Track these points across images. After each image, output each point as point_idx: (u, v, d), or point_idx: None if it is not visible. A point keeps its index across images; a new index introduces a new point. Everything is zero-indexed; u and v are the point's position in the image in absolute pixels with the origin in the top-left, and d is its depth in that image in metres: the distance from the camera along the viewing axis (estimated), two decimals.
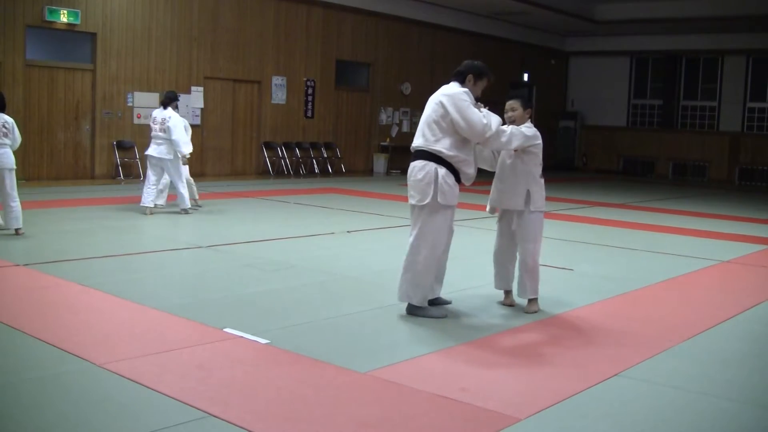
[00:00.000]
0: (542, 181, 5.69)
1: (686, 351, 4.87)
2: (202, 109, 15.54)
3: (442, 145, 5.30)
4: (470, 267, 7.14)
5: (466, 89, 5.40)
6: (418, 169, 5.38)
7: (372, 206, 12.03)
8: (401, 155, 19.75)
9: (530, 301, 5.71)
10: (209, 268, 6.94)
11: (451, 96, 5.33)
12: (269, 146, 16.84)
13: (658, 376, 4.33)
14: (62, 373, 4.01)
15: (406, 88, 19.85)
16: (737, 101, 22.13)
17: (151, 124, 10.21)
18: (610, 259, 8.24)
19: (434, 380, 4.09)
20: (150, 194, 10.03)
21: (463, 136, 5.32)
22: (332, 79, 18.05)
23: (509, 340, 5.01)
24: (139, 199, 10.20)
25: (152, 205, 10.07)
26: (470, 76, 5.46)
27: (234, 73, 16.04)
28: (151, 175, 10.09)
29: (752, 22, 19.78)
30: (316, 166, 17.73)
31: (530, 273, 5.65)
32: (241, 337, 4.73)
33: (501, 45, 22.09)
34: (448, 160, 5.31)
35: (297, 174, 17.08)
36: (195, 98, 15.38)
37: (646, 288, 6.72)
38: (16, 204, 8.00)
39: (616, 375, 4.30)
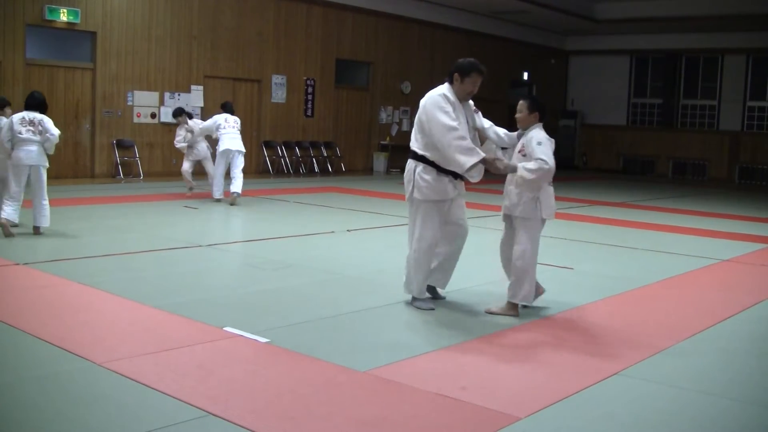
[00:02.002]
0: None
1: (686, 350, 4.87)
2: (202, 108, 15.52)
3: (419, 145, 5.48)
4: (472, 265, 7.12)
5: (443, 93, 5.42)
6: (405, 168, 5.65)
7: (372, 205, 12.03)
8: (401, 154, 19.72)
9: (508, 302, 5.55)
10: (209, 267, 6.94)
11: (428, 98, 5.44)
12: (269, 145, 16.84)
13: (658, 375, 4.32)
14: (61, 372, 4.01)
15: (406, 87, 19.84)
16: (737, 100, 22.12)
17: (224, 124, 11.59)
18: (611, 257, 8.23)
19: (434, 379, 4.09)
20: (221, 186, 11.61)
21: None
22: (332, 78, 18.04)
23: (509, 339, 5.00)
24: (139, 198, 10.20)
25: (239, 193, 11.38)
26: (456, 75, 5.48)
27: (234, 72, 16.04)
28: (222, 169, 11.55)
29: (752, 21, 19.78)
30: (316, 165, 17.73)
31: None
32: (241, 336, 4.73)
33: (501, 44, 22.08)
34: (429, 158, 5.44)
35: (297, 173, 17.08)
36: (195, 97, 15.38)
37: (646, 287, 6.72)
38: (46, 203, 8.10)
39: (616, 374, 4.30)
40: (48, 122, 8.16)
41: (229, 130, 11.58)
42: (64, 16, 13.22)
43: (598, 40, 23.85)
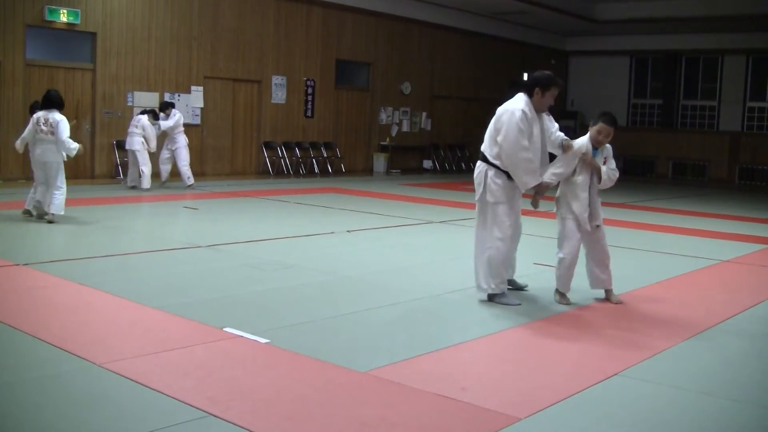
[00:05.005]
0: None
1: (686, 350, 4.87)
2: (202, 108, 15.54)
3: (492, 153, 5.77)
4: (471, 266, 7.12)
5: (523, 108, 5.66)
6: (475, 168, 5.94)
7: (372, 206, 12.03)
8: (401, 155, 19.76)
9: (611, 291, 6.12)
10: (209, 268, 6.93)
11: (507, 112, 5.68)
12: (269, 146, 16.83)
13: (659, 375, 4.33)
14: (62, 373, 4.01)
15: (406, 88, 19.84)
16: (737, 101, 22.13)
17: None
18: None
19: (434, 380, 4.09)
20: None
21: None
22: (332, 78, 18.04)
23: (509, 340, 5.01)
24: (139, 199, 10.18)
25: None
26: (537, 89, 5.74)
27: (234, 72, 16.04)
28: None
29: (752, 22, 19.78)
30: (316, 165, 17.73)
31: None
32: (241, 336, 4.73)
33: (501, 45, 22.07)
34: (498, 165, 5.73)
35: (297, 174, 17.08)
36: (195, 98, 15.38)
37: (645, 287, 6.72)
38: (59, 192, 8.81)
39: (616, 374, 4.30)
40: (60, 126, 8.83)
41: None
42: (64, 17, 13.22)
43: (598, 40, 23.84)
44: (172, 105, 13.62)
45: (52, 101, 8.99)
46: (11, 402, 3.62)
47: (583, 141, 5.96)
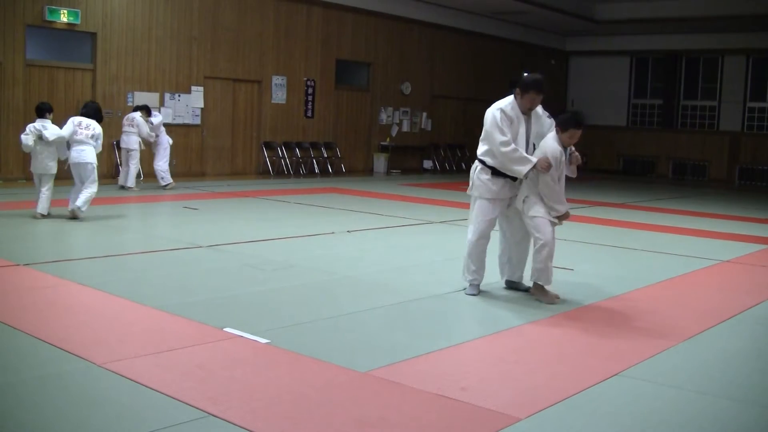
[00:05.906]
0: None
1: (686, 350, 4.87)
2: (202, 108, 15.54)
3: (480, 150, 6.05)
4: None
5: (502, 107, 5.88)
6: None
7: (372, 206, 12.03)
8: (401, 155, 19.76)
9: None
10: (209, 268, 6.94)
11: (489, 111, 5.95)
12: (269, 146, 16.84)
13: (658, 375, 4.33)
14: (62, 373, 4.01)
15: (406, 88, 19.85)
16: (737, 101, 22.13)
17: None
18: (610, 258, 8.24)
19: (434, 380, 4.09)
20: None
21: None
22: (332, 78, 18.05)
23: (509, 340, 5.01)
24: (139, 199, 10.18)
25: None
26: (517, 90, 5.91)
27: (234, 72, 16.04)
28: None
29: (752, 22, 19.78)
30: (316, 165, 17.73)
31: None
32: (241, 336, 4.73)
33: (501, 45, 22.08)
34: (486, 162, 5.97)
35: (297, 174, 17.09)
36: (195, 98, 15.38)
37: (645, 288, 6.72)
38: (90, 188, 9.17)
39: (616, 375, 4.30)
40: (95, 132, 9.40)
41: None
42: (64, 17, 13.23)
43: (598, 40, 23.85)
44: (147, 108, 13.51)
45: (93, 113, 9.50)
46: (11, 402, 3.62)
47: (555, 147, 5.84)
